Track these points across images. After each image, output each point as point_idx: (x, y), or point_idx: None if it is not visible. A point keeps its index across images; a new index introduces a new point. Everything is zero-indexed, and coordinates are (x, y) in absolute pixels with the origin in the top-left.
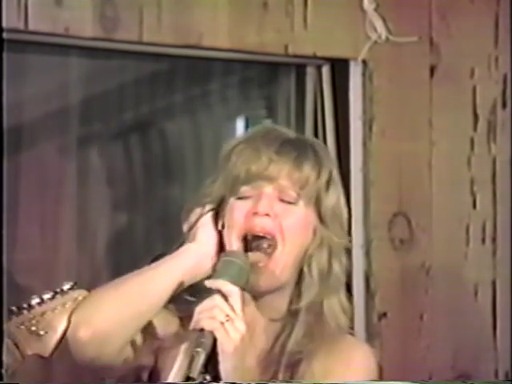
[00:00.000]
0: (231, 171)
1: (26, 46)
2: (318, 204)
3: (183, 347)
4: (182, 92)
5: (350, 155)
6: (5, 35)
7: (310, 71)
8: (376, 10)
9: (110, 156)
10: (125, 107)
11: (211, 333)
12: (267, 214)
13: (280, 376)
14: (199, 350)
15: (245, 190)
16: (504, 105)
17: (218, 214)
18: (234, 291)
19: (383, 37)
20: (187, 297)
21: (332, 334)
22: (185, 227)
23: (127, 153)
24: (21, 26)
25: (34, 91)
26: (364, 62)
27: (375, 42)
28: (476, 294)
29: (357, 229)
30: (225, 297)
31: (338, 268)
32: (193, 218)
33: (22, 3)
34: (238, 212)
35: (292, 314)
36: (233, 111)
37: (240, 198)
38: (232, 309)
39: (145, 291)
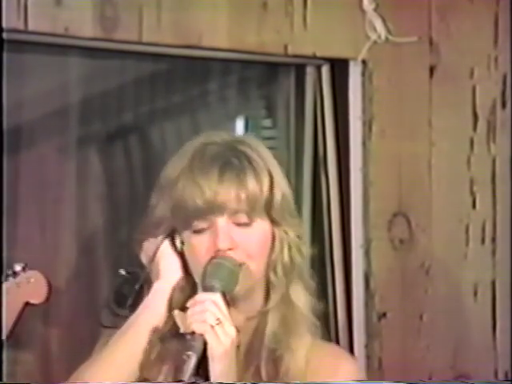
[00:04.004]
0: (178, 205)
1: (26, 46)
2: (268, 209)
3: (170, 351)
4: (182, 92)
5: (349, 155)
6: (5, 35)
7: (310, 71)
8: (376, 9)
9: (109, 156)
10: (124, 107)
11: (202, 336)
12: (229, 249)
13: (263, 371)
14: (190, 353)
15: (198, 223)
16: (504, 105)
17: (173, 240)
18: (217, 298)
19: (383, 37)
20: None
21: (318, 342)
22: (143, 259)
23: (127, 153)
24: (20, 26)
25: (34, 91)
26: (364, 62)
27: (375, 42)
28: (476, 294)
29: (356, 229)
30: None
31: (299, 259)
32: (150, 249)
33: (21, 3)
34: (199, 248)
35: (265, 311)
36: (232, 111)
37: (196, 232)
38: (222, 312)
39: (132, 352)
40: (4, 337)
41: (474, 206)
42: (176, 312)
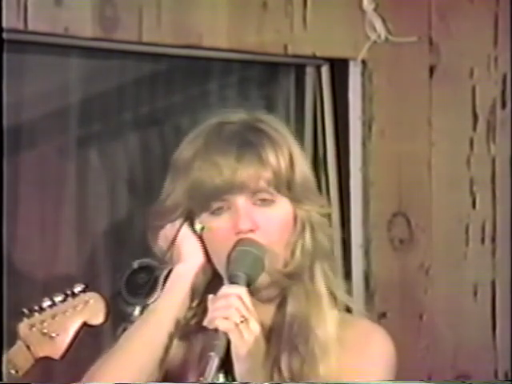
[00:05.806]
0: (195, 186)
1: (26, 46)
2: (289, 187)
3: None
4: (182, 92)
5: (349, 155)
6: (5, 35)
7: (310, 71)
8: (375, 10)
9: (109, 156)
10: (124, 107)
11: (225, 334)
12: (250, 230)
13: (285, 350)
14: (212, 354)
15: (217, 204)
16: (503, 105)
17: (192, 224)
18: (242, 291)
19: (382, 37)
20: None
21: (347, 317)
22: (162, 244)
23: (127, 153)
24: (20, 26)
25: (34, 91)
26: (363, 62)
27: (374, 42)
28: (475, 294)
29: (356, 229)
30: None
31: (323, 240)
32: (169, 234)
33: (21, 3)
34: (218, 231)
35: (284, 294)
36: None
37: (214, 214)
38: (247, 308)
39: (154, 339)
40: (58, 357)
41: (474, 206)
42: (210, 297)
